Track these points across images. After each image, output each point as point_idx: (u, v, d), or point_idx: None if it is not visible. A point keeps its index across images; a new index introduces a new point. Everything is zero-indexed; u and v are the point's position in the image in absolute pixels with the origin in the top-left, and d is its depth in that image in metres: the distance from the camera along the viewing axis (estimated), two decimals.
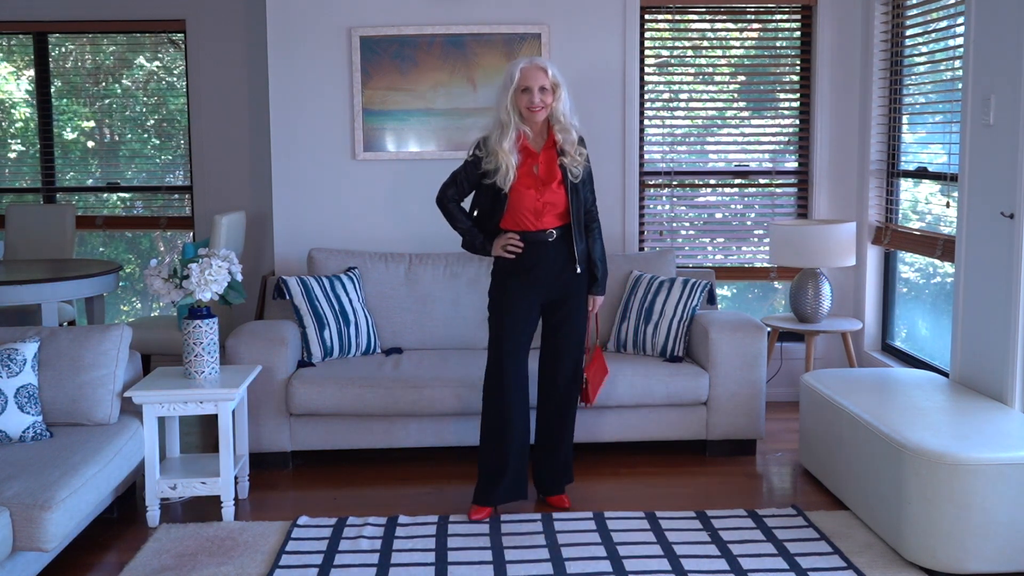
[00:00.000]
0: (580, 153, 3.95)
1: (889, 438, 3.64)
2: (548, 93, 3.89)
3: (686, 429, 4.78)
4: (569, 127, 3.94)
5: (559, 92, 3.91)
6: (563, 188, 3.94)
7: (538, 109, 3.88)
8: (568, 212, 3.97)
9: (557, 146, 3.94)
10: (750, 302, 6.38)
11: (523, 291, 4.00)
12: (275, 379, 4.60)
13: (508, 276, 4.02)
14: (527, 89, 3.87)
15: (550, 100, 3.90)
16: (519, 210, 3.96)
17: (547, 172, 3.95)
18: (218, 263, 4.11)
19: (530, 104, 3.86)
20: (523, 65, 3.91)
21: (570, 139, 3.92)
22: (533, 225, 3.97)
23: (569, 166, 3.93)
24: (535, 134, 3.97)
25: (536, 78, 3.87)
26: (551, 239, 3.98)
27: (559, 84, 3.91)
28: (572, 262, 4.01)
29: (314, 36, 5.42)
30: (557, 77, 3.91)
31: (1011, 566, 3.42)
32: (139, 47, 6.60)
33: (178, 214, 6.57)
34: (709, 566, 3.55)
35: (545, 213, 3.95)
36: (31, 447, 3.72)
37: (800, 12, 5.69)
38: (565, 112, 3.93)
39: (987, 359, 4.09)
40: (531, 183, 3.94)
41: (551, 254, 3.99)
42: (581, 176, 3.97)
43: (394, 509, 4.14)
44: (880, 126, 5.49)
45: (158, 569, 3.58)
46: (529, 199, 3.94)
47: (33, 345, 3.93)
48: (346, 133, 5.47)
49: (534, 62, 3.92)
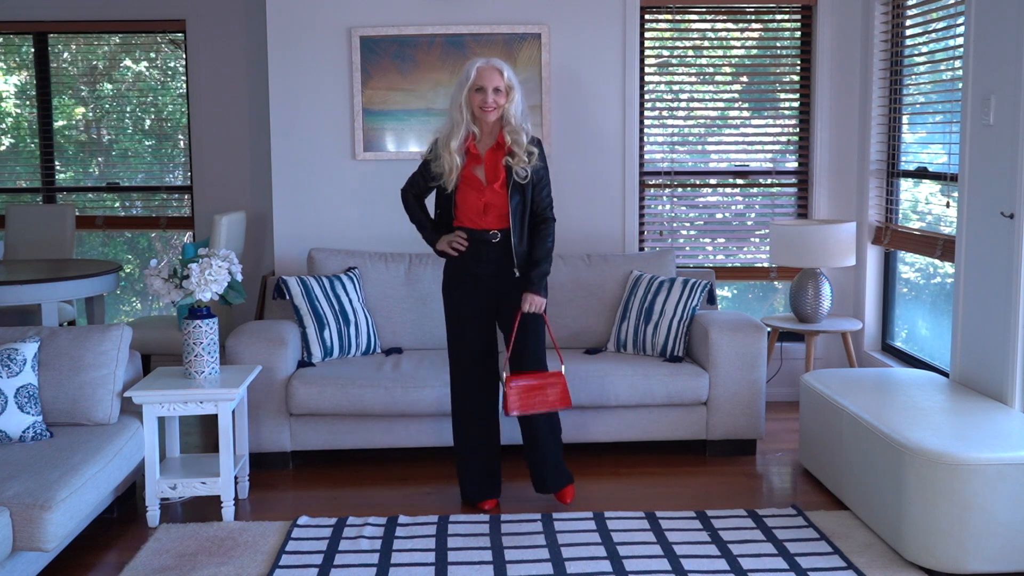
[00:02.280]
0: (530, 153, 3.97)
1: (889, 438, 3.64)
2: (502, 94, 3.94)
3: (686, 429, 4.78)
4: (520, 129, 3.97)
5: (512, 95, 3.96)
6: (504, 190, 3.97)
7: (490, 109, 3.93)
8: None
9: (505, 147, 3.98)
10: (750, 302, 6.38)
11: (467, 291, 4.08)
12: (275, 379, 4.60)
13: (453, 274, 4.11)
14: (481, 88, 3.92)
15: (503, 101, 3.94)
16: (464, 210, 4.04)
17: (491, 173, 4.00)
18: (218, 263, 4.11)
19: (483, 103, 3.92)
20: (479, 64, 3.97)
21: (519, 140, 3.95)
22: (477, 224, 4.02)
23: (514, 166, 3.96)
24: (484, 134, 4.02)
25: (491, 78, 3.93)
26: (495, 240, 4.02)
27: (513, 87, 3.97)
28: (512, 263, 4.04)
29: (314, 36, 5.42)
30: (512, 80, 3.98)
31: (1011, 566, 3.42)
32: (139, 47, 6.60)
33: (178, 214, 6.58)
34: (709, 566, 3.55)
35: (487, 214, 4.00)
36: (31, 447, 3.72)
37: (800, 12, 5.69)
38: (516, 115, 3.98)
39: (987, 359, 4.09)
40: (474, 183, 4.00)
41: (492, 255, 4.04)
42: (529, 177, 3.98)
43: (394, 509, 4.14)
44: (880, 126, 5.49)
45: (158, 569, 3.58)
46: (472, 199, 4.00)
47: (33, 345, 3.93)
48: (346, 133, 5.47)
49: (491, 63, 3.98)
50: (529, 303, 4.01)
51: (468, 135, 3.99)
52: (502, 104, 3.95)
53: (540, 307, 4.04)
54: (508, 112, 3.96)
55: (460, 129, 3.96)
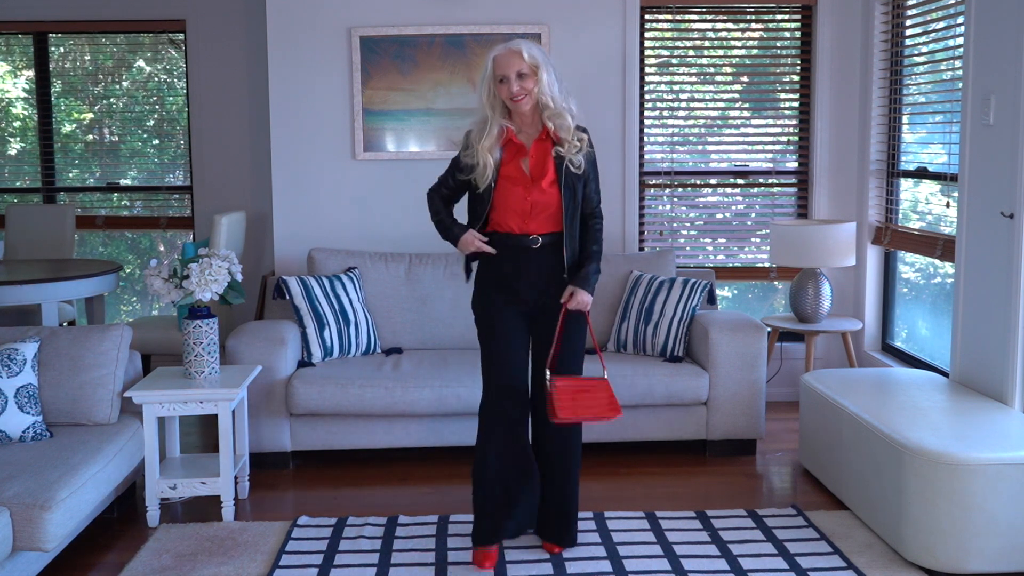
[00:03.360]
0: (580, 139, 3.48)
1: (889, 438, 3.64)
2: (528, 78, 3.41)
3: (686, 429, 4.78)
4: (562, 112, 3.46)
5: (540, 74, 3.42)
6: (556, 187, 3.47)
7: (520, 98, 3.41)
8: (560, 215, 3.49)
9: (552, 136, 3.49)
10: (750, 302, 6.38)
11: (504, 305, 3.56)
12: (275, 379, 4.60)
13: (487, 288, 3.59)
14: (504, 78, 3.42)
15: (531, 86, 3.42)
16: (504, 211, 3.51)
17: (538, 168, 3.48)
18: (218, 263, 4.11)
19: (510, 94, 3.42)
20: (496, 53, 3.46)
21: (564, 124, 3.45)
22: (519, 228, 3.50)
23: (567, 155, 3.46)
24: (525, 125, 3.52)
25: (510, 64, 3.41)
26: (535, 245, 3.50)
27: (539, 65, 3.42)
28: (561, 271, 3.52)
29: (314, 36, 5.42)
30: (536, 58, 3.43)
31: (1011, 566, 3.42)
32: (139, 47, 6.60)
33: (178, 214, 6.58)
34: (709, 566, 3.55)
35: (533, 215, 3.49)
36: (31, 447, 3.72)
37: (800, 12, 5.69)
38: (553, 96, 3.44)
39: (987, 359, 4.09)
40: (519, 180, 3.48)
41: (534, 263, 3.52)
42: (583, 167, 3.50)
43: (394, 509, 4.14)
44: (880, 126, 5.49)
45: (158, 569, 3.58)
46: (516, 198, 3.48)
47: (33, 345, 3.93)
48: (346, 133, 5.47)
49: (508, 46, 3.45)
50: (576, 300, 3.49)
51: (501, 132, 3.47)
52: (531, 89, 3.41)
53: (586, 306, 3.51)
54: (542, 93, 3.42)
55: (491, 127, 3.46)
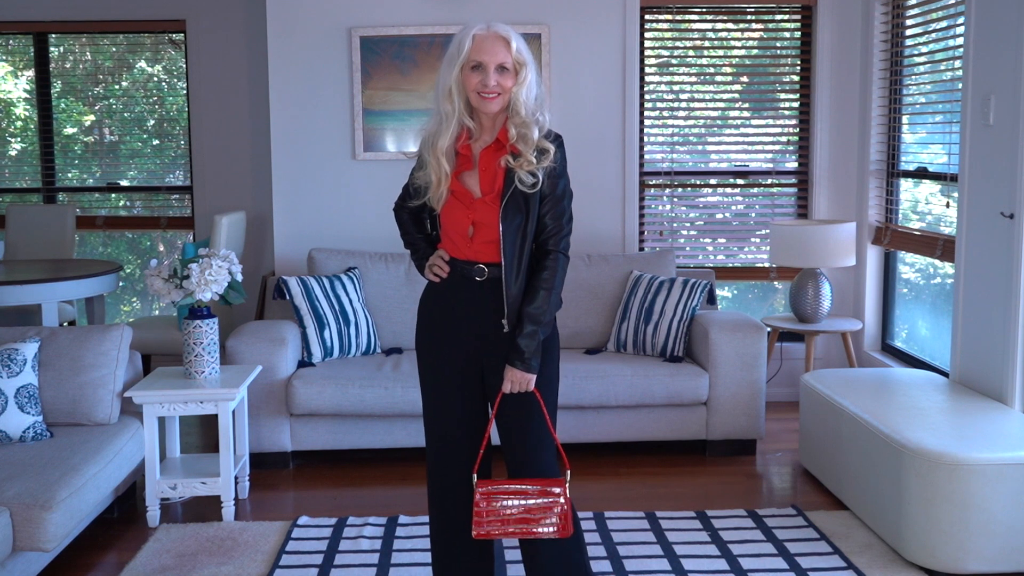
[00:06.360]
0: (540, 152, 2.76)
1: (889, 438, 3.64)
2: (508, 75, 2.75)
3: (686, 429, 4.78)
4: (530, 122, 2.75)
5: (524, 74, 2.77)
6: (498, 203, 2.77)
7: (492, 95, 2.75)
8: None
9: (507, 145, 2.78)
10: (750, 302, 6.38)
11: (445, 344, 2.92)
12: (275, 379, 4.60)
13: (427, 322, 3.00)
14: (479, 65, 2.75)
15: (510, 84, 2.75)
16: (448, 231, 2.88)
17: (486, 182, 2.80)
18: (218, 263, 4.11)
19: (482, 87, 2.74)
20: (477, 31, 2.79)
21: (527, 136, 2.74)
22: (463, 254, 2.85)
23: (517, 167, 2.74)
24: (484, 130, 2.83)
25: (494, 51, 2.75)
26: (480, 278, 2.82)
27: (525, 63, 2.78)
28: (500, 314, 2.82)
29: (314, 36, 5.42)
30: (523, 54, 2.79)
31: (1011, 566, 3.42)
32: (139, 47, 6.60)
33: (178, 214, 6.58)
34: (709, 566, 3.55)
35: (476, 238, 2.81)
36: (31, 447, 3.72)
37: (800, 12, 5.69)
38: (528, 103, 2.76)
39: (987, 359, 4.09)
40: (462, 195, 2.82)
41: (477, 299, 2.84)
42: (539, 186, 2.75)
43: (394, 509, 4.14)
44: (880, 126, 5.49)
45: (158, 569, 3.58)
46: (457, 217, 2.83)
47: (33, 345, 3.93)
48: (346, 133, 5.47)
49: (493, 28, 2.80)
50: (510, 381, 2.77)
51: (462, 131, 2.81)
52: (509, 88, 2.75)
53: (526, 386, 2.77)
54: (517, 99, 2.75)
55: (451, 123, 2.78)
